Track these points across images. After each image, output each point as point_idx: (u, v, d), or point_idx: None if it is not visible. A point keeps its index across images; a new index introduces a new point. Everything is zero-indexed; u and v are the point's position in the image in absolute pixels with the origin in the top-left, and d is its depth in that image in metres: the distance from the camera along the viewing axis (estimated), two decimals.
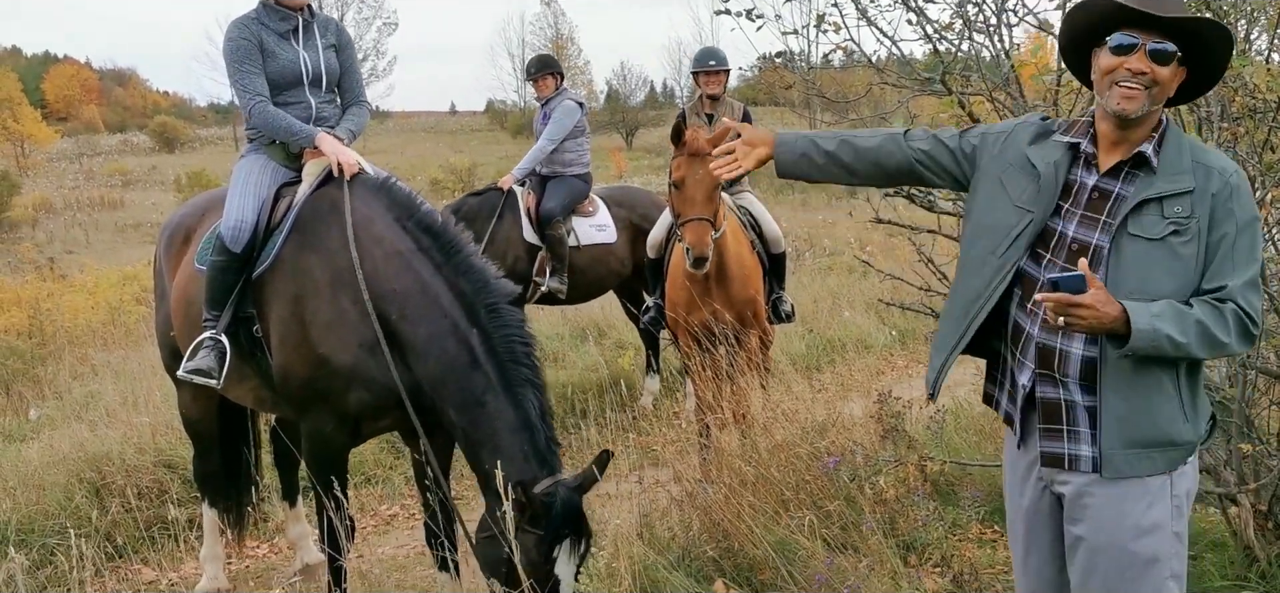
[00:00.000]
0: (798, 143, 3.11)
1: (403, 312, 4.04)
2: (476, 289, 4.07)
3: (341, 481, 4.22)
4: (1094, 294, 2.46)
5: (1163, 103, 2.66)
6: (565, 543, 3.79)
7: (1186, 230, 2.56)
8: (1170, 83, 2.63)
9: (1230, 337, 2.53)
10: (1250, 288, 2.57)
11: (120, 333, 11.92)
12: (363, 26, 49.28)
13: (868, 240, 16.47)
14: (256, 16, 4.56)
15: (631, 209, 8.52)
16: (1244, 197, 2.61)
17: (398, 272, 4.08)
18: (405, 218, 4.23)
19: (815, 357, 9.89)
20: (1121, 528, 2.66)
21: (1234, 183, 2.59)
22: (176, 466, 6.25)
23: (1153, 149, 2.64)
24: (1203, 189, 2.58)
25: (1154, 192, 2.60)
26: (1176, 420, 2.63)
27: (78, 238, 26.50)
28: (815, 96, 24.19)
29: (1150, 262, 2.58)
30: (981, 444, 5.77)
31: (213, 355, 4.30)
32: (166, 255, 4.98)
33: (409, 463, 6.76)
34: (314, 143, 4.50)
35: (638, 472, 5.12)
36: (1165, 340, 2.48)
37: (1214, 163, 2.64)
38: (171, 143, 54.30)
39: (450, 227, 4.25)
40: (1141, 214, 2.60)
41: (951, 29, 4.57)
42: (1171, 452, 2.64)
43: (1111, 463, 2.63)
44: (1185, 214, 2.57)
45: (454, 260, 4.13)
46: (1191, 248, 2.56)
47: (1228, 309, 2.54)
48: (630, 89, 58.08)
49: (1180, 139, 2.68)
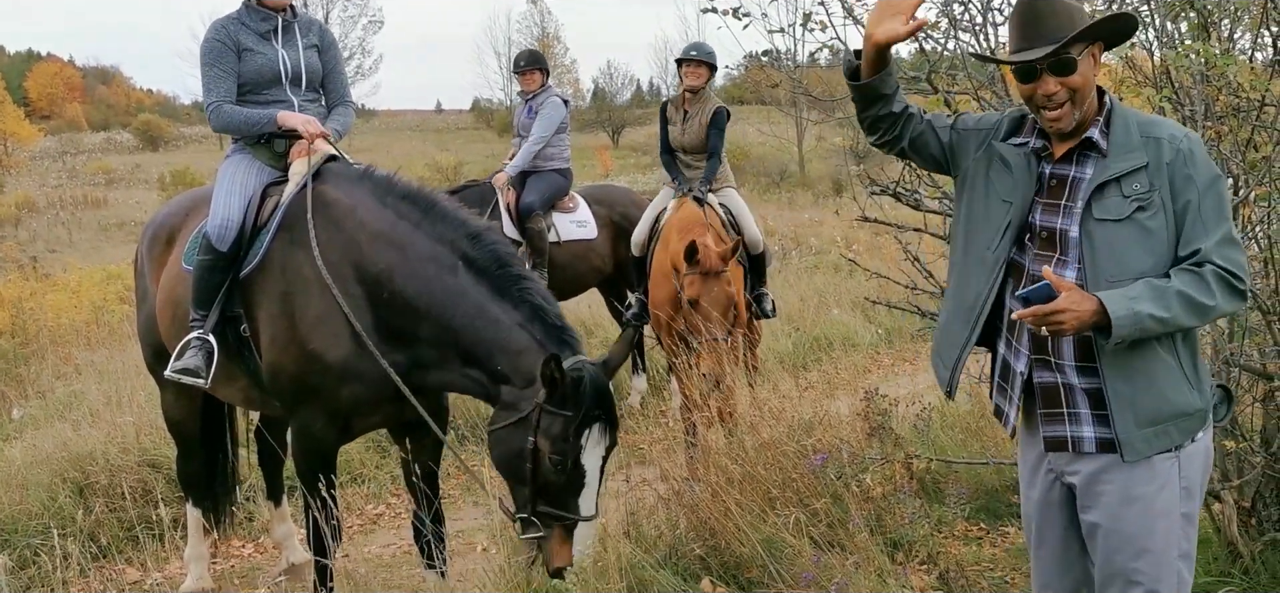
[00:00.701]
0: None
1: (391, 286, 4.04)
2: (455, 228, 4.12)
3: (330, 480, 4.21)
4: (1065, 297, 2.49)
5: (1092, 90, 2.69)
6: (594, 428, 3.75)
7: (1150, 204, 2.59)
8: (1087, 78, 2.66)
9: (1215, 298, 2.54)
10: (1226, 244, 2.57)
11: (104, 332, 11.86)
12: (348, 24, 49.07)
13: (854, 239, 16.49)
14: (237, 17, 4.56)
15: (612, 207, 8.53)
16: (1199, 159, 2.62)
17: (382, 250, 4.09)
18: (385, 195, 4.26)
19: (802, 355, 9.90)
20: (1135, 513, 2.68)
21: (1185, 148, 2.61)
22: (160, 465, 6.22)
23: (1099, 132, 2.68)
24: (1156, 161, 2.60)
25: (1109, 173, 2.63)
26: (1182, 389, 2.65)
27: (61, 237, 26.35)
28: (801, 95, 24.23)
29: (1122, 242, 2.61)
30: (967, 442, 5.79)
31: (200, 355, 4.28)
32: (149, 256, 4.96)
33: (395, 462, 6.77)
34: (276, 123, 4.51)
35: (625, 470, 5.11)
36: (1147, 319, 2.50)
37: (1162, 132, 2.65)
38: (155, 141, 54.02)
39: (427, 190, 4.29)
40: (1103, 197, 2.63)
41: (937, 28, 4.58)
42: (1184, 421, 2.66)
43: (1131, 446, 2.65)
44: (1144, 189, 2.59)
45: (431, 214, 4.16)
46: (1158, 220, 2.59)
47: (1206, 271, 2.55)
48: (617, 87, 58.17)
49: (1125, 116, 2.71)
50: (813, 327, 10.67)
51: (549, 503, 3.78)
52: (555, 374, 3.65)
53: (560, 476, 3.72)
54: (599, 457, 3.79)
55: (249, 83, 4.54)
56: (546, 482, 3.75)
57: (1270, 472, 4.22)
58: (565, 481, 3.72)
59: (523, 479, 3.80)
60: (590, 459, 3.76)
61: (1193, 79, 3.81)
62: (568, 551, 3.75)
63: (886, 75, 2.83)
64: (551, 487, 3.76)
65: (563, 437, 3.70)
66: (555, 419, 3.71)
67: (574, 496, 3.76)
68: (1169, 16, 4.01)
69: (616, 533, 4.44)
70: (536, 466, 3.74)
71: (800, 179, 34.24)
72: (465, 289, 3.97)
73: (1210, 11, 3.89)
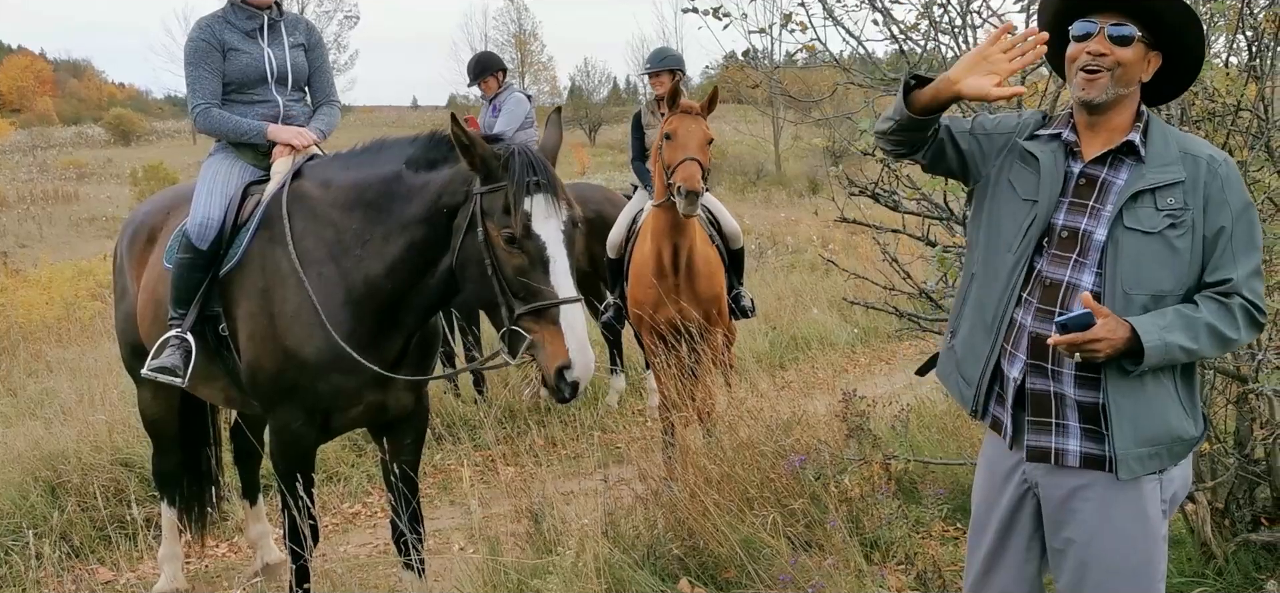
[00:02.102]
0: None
1: (361, 248, 3.99)
2: (382, 146, 4.12)
3: (308, 480, 4.18)
4: (1102, 325, 2.44)
5: (1134, 88, 2.65)
6: (538, 196, 3.58)
7: (1181, 223, 2.55)
8: (1134, 65, 2.61)
9: (1239, 331, 2.54)
10: (1254, 277, 2.57)
11: (76, 329, 11.76)
12: (324, 20, 48.66)
13: (830, 238, 16.56)
14: (222, 15, 4.54)
15: (585, 205, 8.48)
16: (1235, 184, 2.59)
17: (347, 216, 4.05)
18: (347, 158, 4.25)
19: (779, 354, 9.93)
20: (1115, 533, 2.64)
21: (1223, 172, 2.57)
22: (134, 464, 6.17)
23: (1140, 138, 2.63)
24: (1193, 179, 2.56)
25: (1146, 183, 2.58)
26: (1181, 416, 2.63)
27: (31, 232, 26.04)
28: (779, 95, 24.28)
29: (1147, 255, 2.56)
30: (944, 442, 5.82)
31: (178, 354, 4.25)
32: (129, 254, 4.92)
33: (372, 460, 6.73)
34: (265, 136, 4.51)
35: (603, 470, 5.11)
36: (1177, 351, 2.49)
37: (1201, 151, 2.61)
38: (128, 136, 53.45)
39: (381, 139, 4.23)
40: (1137, 206, 2.58)
41: (917, 29, 4.60)
42: (1177, 447, 2.64)
43: (1126, 463, 2.60)
44: (1179, 206, 2.55)
45: (368, 151, 4.16)
46: (1186, 240, 2.55)
47: (1234, 304, 2.53)
48: (594, 85, 58.01)
49: (1164, 129, 2.67)
50: (790, 325, 10.71)
51: (526, 300, 3.59)
52: (460, 134, 3.56)
53: (520, 254, 3.57)
54: (557, 229, 3.61)
55: (234, 82, 4.52)
56: (512, 271, 3.59)
57: (1243, 473, 4.27)
58: (527, 260, 3.56)
59: (492, 292, 3.66)
60: (546, 229, 3.58)
61: None
62: (562, 345, 3.52)
63: (940, 113, 2.77)
64: (520, 276, 3.58)
65: (505, 208, 3.57)
66: (494, 195, 3.60)
67: (544, 275, 3.57)
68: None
69: (594, 533, 4.43)
70: (495, 258, 3.61)
71: (777, 177, 34.34)
72: (412, 188, 3.92)
73: None
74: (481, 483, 6.25)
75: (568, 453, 6.23)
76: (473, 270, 3.72)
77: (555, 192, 3.64)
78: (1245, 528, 4.31)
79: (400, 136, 4.15)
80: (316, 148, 4.60)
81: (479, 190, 3.64)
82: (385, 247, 3.94)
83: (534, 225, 3.57)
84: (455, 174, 3.77)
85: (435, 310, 4.18)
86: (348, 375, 4.04)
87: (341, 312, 3.99)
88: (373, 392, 4.14)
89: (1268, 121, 3.97)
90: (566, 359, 3.51)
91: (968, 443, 5.67)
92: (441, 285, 3.93)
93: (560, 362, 3.52)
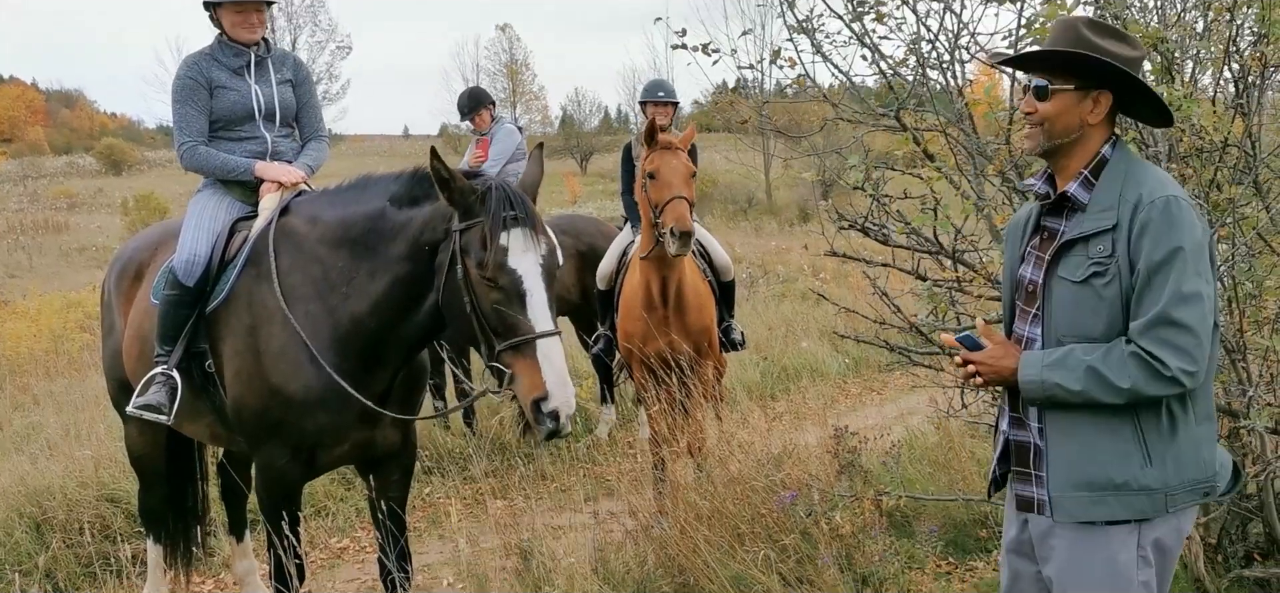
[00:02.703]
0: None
1: (347, 285, 3.98)
2: (368, 183, 4.11)
3: (294, 518, 4.14)
4: (987, 350, 2.51)
5: (1081, 132, 2.63)
6: (515, 231, 3.58)
7: (1107, 271, 2.52)
8: (1064, 114, 2.61)
9: (1129, 380, 2.43)
10: (1158, 325, 2.43)
11: (63, 361, 11.69)
12: (316, 50, 48.78)
13: (821, 268, 16.55)
14: (210, 52, 4.54)
15: (578, 237, 8.50)
16: (1159, 229, 2.47)
17: (333, 253, 4.04)
18: (334, 194, 4.24)
19: (770, 385, 9.91)
20: (1081, 575, 2.62)
21: (1146, 217, 2.48)
22: (119, 500, 6.12)
23: (1079, 186, 2.64)
24: (1123, 224, 2.52)
25: (1079, 231, 2.59)
26: (1129, 463, 2.53)
27: (21, 262, 25.97)
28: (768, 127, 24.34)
29: (1077, 304, 2.57)
30: (936, 475, 5.80)
31: (164, 391, 4.22)
32: (117, 289, 4.89)
33: (359, 495, 6.68)
34: (252, 174, 4.50)
35: (592, 504, 5.08)
36: (1056, 388, 2.49)
37: (1139, 193, 2.54)
38: (119, 165, 53.35)
39: (367, 175, 4.22)
40: (1069, 255, 2.60)
41: (906, 65, 4.60)
42: (1130, 497, 2.54)
43: (1061, 506, 2.61)
44: (1106, 253, 2.53)
45: (354, 187, 4.16)
46: (1113, 289, 2.52)
47: (1126, 351, 2.45)
48: (585, 115, 58.06)
49: (1118, 169, 2.61)
50: (781, 356, 10.69)
51: (505, 335, 3.58)
52: (439, 170, 3.56)
53: (497, 289, 3.56)
54: (535, 263, 3.61)
55: (221, 119, 4.53)
56: (490, 306, 3.58)
57: (1235, 509, 4.25)
58: (503, 296, 3.56)
59: (472, 331, 3.65)
60: (522, 263, 3.58)
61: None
62: (539, 377, 3.52)
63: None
64: (499, 311, 3.57)
65: (483, 244, 3.56)
66: (471, 232, 3.59)
67: (521, 309, 3.57)
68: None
69: (584, 569, 4.40)
70: (475, 295, 3.60)
71: (767, 207, 34.38)
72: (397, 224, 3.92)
73: (1174, 54, 3.94)
74: (470, 518, 6.20)
75: (557, 486, 6.19)
76: (455, 307, 3.72)
77: (533, 225, 3.65)
78: (1238, 564, 4.29)
79: (385, 173, 4.15)
80: (305, 184, 4.58)
81: (457, 227, 3.65)
82: (370, 284, 3.93)
83: (510, 260, 3.57)
84: (436, 211, 3.77)
85: (421, 347, 4.17)
86: (334, 412, 4.01)
87: (328, 349, 3.96)
88: (359, 429, 4.11)
89: (1255, 158, 3.98)
90: (543, 392, 3.52)
91: (959, 477, 5.65)
92: (426, 322, 3.91)
93: (536, 394, 3.52)
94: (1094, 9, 4.24)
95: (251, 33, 4.52)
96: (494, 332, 3.61)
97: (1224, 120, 3.80)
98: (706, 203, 29.38)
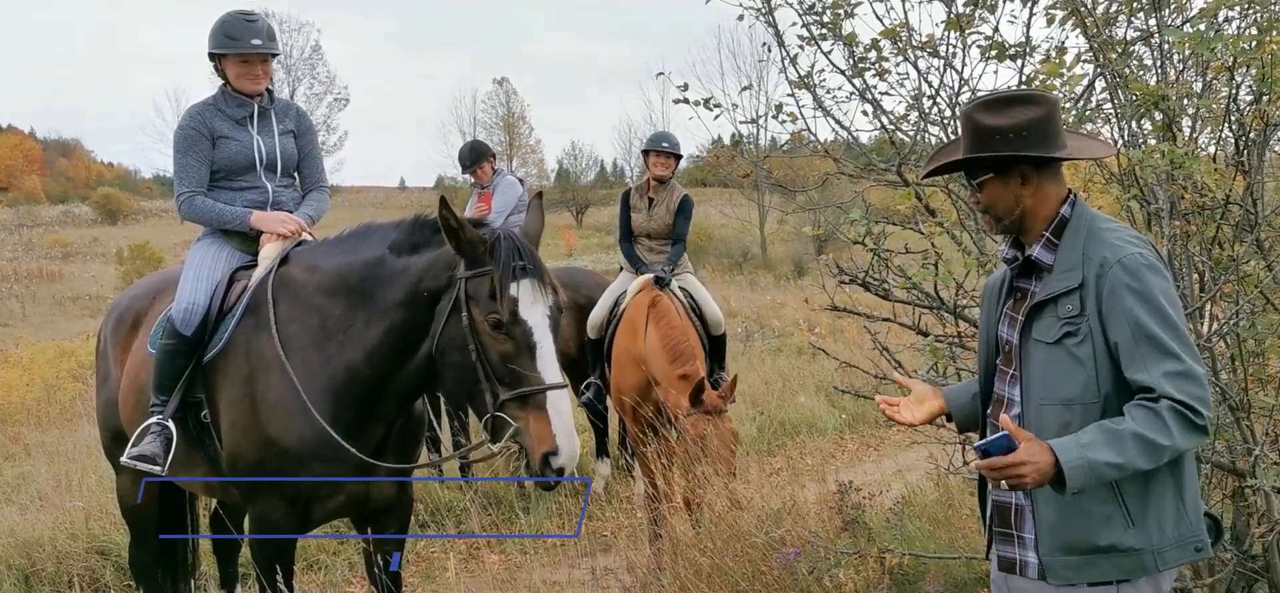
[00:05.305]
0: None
1: (344, 334, 3.96)
2: (368, 231, 4.12)
3: (288, 572, 4.08)
4: (1025, 449, 2.39)
5: (1030, 203, 2.65)
6: (524, 281, 3.57)
7: (1078, 331, 2.53)
8: (1004, 195, 2.65)
9: (1172, 437, 2.40)
10: (1181, 377, 2.42)
11: (55, 411, 11.60)
12: (314, 102, 49.12)
13: (816, 322, 16.54)
14: (213, 103, 4.56)
15: (576, 290, 8.48)
16: (1126, 286, 2.48)
17: (331, 302, 4.03)
18: (334, 243, 4.24)
19: (767, 440, 9.85)
20: None
21: (1113, 275, 2.49)
22: (110, 552, 6.04)
23: (1042, 249, 2.66)
24: (1090, 282, 2.53)
25: (1047, 292, 2.61)
26: (1113, 527, 2.52)
27: (14, 311, 25.92)
28: (765, 180, 24.41)
29: (1051, 366, 2.58)
30: (937, 533, 5.74)
31: (159, 442, 4.18)
32: (114, 338, 4.86)
33: (354, 549, 6.60)
34: (247, 225, 4.49)
35: (589, 559, 5.02)
36: (1105, 468, 2.38)
37: (1102, 251, 2.54)
38: (114, 215, 53.50)
39: (367, 223, 4.23)
40: (1041, 316, 2.61)
41: (907, 120, 4.62)
42: (1116, 558, 2.54)
43: (1053, 569, 2.60)
44: (1075, 312, 2.54)
45: (354, 236, 4.16)
46: (1086, 348, 2.52)
47: (1162, 407, 2.41)
48: (581, 168, 58.34)
49: (1079, 227, 2.63)
50: (778, 411, 10.64)
51: (511, 386, 3.56)
52: (448, 218, 3.55)
53: (506, 340, 3.54)
54: (543, 315, 3.60)
55: (223, 169, 4.53)
56: (498, 356, 3.56)
57: (1241, 569, 4.20)
58: (513, 346, 3.54)
59: (475, 378, 3.62)
60: (532, 314, 3.57)
61: (1158, 178, 3.84)
62: (548, 430, 3.49)
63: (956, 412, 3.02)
64: (505, 363, 3.55)
65: (492, 293, 3.55)
66: (480, 280, 3.58)
67: (531, 360, 3.55)
68: (1134, 117, 4.06)
69: None
70: (480, 344, 3.58)
71: (763, 261, 34.48)
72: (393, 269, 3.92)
73: (1174, 111, 3.95)
74: (466, 573, 6.13)
75: (554, 541, 6.13)
76: (453, 356, 3.70)
77: (541, 277, 3.65)
78: None
79: (386, 222, 4.15)
80: (306, 233, 4.56)
81: (464, 275, 3.63)
82: (366, 331, 3.91)
83: (521, 311, 3.56)
84: (437, 258, 3.76)
85: (415, 398, 4.15)
86: (329, 464, 3.97)
87: (323, 399, 3.93)
88: (356, 481, 4.06)
89: (1257, 217, 3.98)
90: (553, 445, 3.50)
91: (959, 534, 5.59)
92: (420, 372, 3.89)
93: (546, 447, 3.50)
94: (1094, 68, 4.26)
95: (256, 84, 4.53)
96: (500, 381, 3.59)
97: (1225, 177, 3.80)
98: (701, 256, 29.44)
